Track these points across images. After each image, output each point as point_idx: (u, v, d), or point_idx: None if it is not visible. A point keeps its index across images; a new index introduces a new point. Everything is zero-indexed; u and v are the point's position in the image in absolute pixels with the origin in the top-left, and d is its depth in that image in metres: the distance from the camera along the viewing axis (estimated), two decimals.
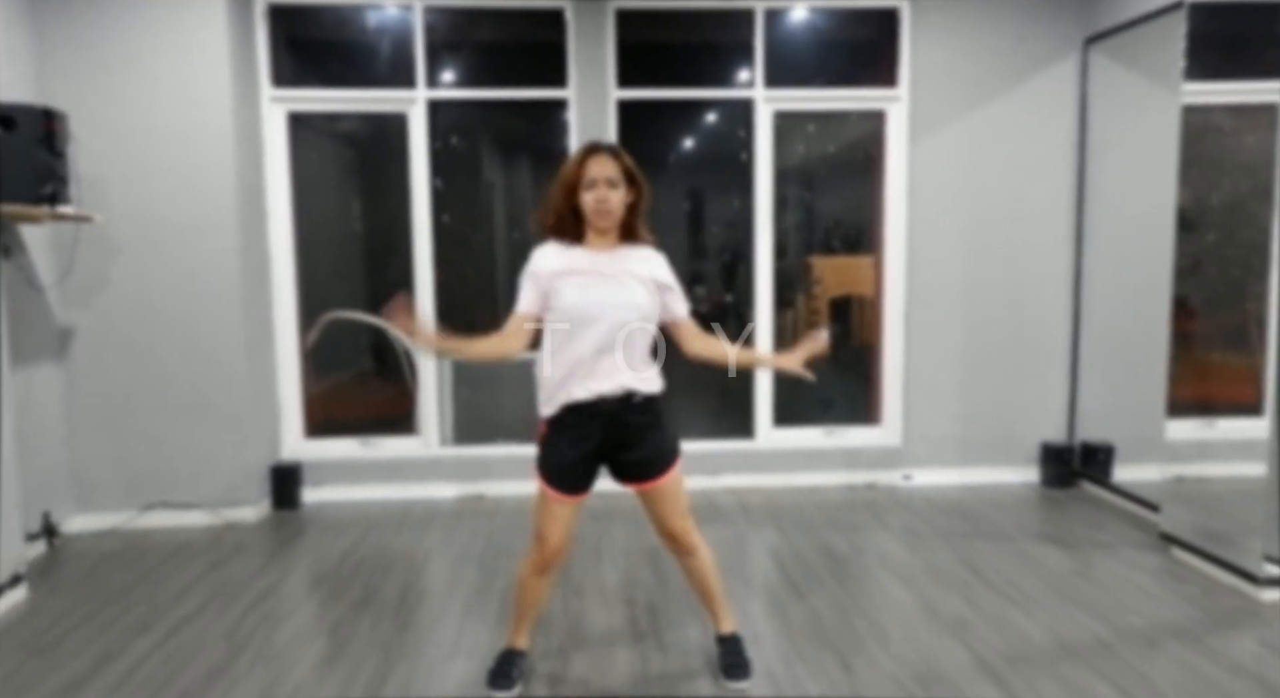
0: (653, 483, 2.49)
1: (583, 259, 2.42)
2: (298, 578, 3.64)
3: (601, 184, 2.35)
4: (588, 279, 2.38)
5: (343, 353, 5.07)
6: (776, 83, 4.72)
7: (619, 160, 2.39)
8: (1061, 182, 4.73)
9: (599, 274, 2.39)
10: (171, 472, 4.25)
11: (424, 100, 4.62)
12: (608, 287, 2.38)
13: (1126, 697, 2.57)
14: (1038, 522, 4.24)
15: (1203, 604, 3.23)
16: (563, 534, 2.48)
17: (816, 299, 5.22)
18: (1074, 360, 4.82)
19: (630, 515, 4.03)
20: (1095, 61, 4.61)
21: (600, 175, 2.35)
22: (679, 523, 2.54)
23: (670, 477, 2.50)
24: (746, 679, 2.63)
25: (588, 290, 2.36)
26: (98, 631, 3.11)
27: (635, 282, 2.41)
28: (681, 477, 2.54)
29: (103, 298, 4.14)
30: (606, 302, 2.36)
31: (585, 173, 2.36)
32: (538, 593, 2.62)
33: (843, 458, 4.87)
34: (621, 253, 2.45)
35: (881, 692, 2.61)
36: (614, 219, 2.40)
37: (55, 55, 4.01)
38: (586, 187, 2.36)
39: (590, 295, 2.36)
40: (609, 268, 2.41)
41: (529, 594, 2.62)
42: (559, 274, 2.39)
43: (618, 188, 2.37)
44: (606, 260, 2.42)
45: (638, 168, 2.44)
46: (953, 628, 3.05)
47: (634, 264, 2.44)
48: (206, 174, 4.16)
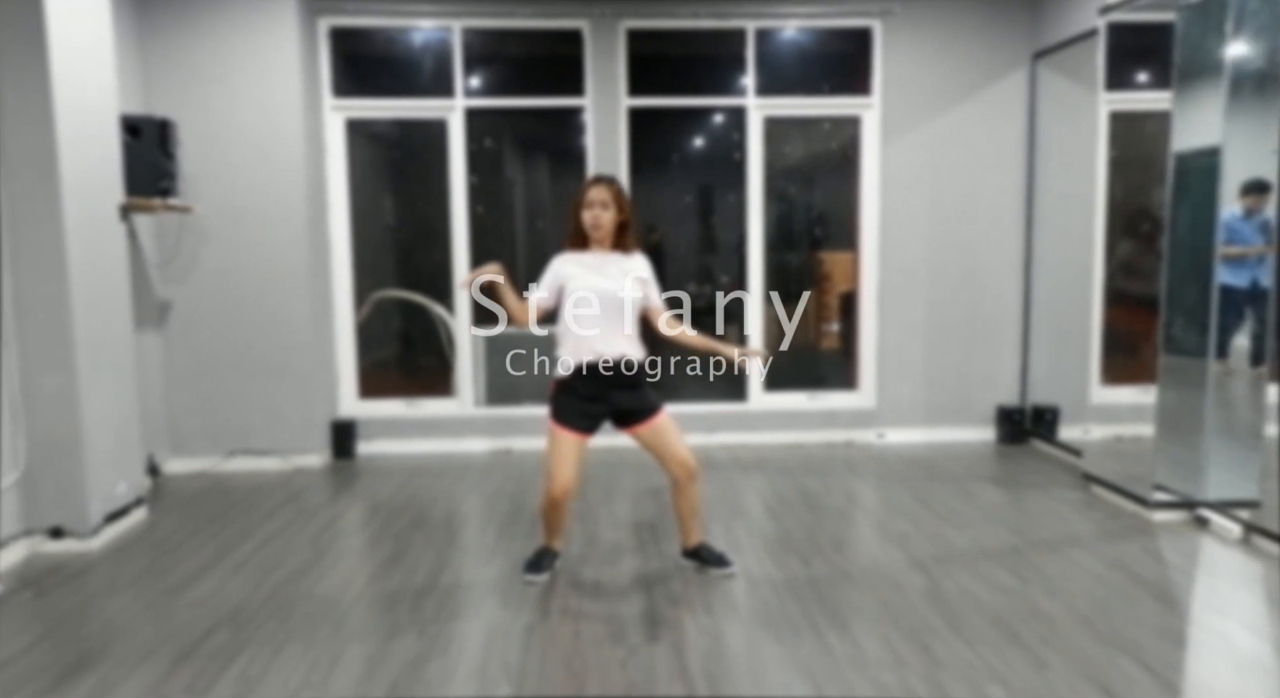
0: (648, 423, 3.21)
1: (587, 259, 3.20)
2: (360, 507, 4.41)
3: (596, 205, 3.14)
4: (590, 274, 3.16)
5: (392, 328, 5.83)
6: (766, 92, 5.44)
7: (611, 189, 3.16)
8: (1013, 178, 5.43)
9: (598, 271, 3.16)
10: (249, 424, 5.03)
11: (461, 108, 5.37)
12: (605, 280, 3.15)
13: (1022, 581, 3.28)
14: (986, 470, 4.95)
15: (1103, 524, 3.94)
16: (570, 471, 3.16)
17: (826, 294, 5.91)
18: (1025, 334, 5.53)
19: (636, 465, 4.76)
20: (1042, 74, 5.31)
21: (595, 199, 3.14)
22: (682, 451, 3.24)
23: (661, 417, 3.22)
24: (733, 565, 3.39)
25: (590, 282, 3.15)
26: (209, 538, 3.88)
27: (624, 276, 3.18)
28: (670, 420, 3.25)
29: (194, 276, 4.92)
30: (604, 290, 3.14)
31: (586, 197, 3.16)
32: (558, 518, 3.33)
33: (824, 419, 5.59)
34: (615, 257, 3.21)
35: (829, 579, 3.33)
36: (605, 232, 3.16)
37: (158, 71, 4.79)
38: (586, 207, 3.15)
39: (591, 285, 3.14)
40: (605, 267, 3.18)
41: (550, 518, 3.34)
42: (568, 270, 3.18)
43: (609, 209, 3.14)
44: (603, 261, 3.19)
45: (624, 196, 3.21)
46: (896, 540, 3.77)
47: (623, 264, 3.20)
48: (279, 172, 4.92)
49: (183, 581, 3.38)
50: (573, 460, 3.17)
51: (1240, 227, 4.04)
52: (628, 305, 3.16)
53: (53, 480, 3.66)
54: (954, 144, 5.42)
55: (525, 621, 2.99)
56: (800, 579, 3.33)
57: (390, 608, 3.10)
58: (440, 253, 5.53)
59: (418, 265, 5.77)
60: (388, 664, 2.67)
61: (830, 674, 2.57)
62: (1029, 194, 5.44)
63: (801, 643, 2.79)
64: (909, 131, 5.41)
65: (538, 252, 5.94)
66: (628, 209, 3.22)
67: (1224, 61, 3.81)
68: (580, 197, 3.19)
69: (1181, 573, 3.39)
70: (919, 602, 3.10)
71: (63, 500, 3.68)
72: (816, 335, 6.01)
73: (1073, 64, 5.02)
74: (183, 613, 3.07)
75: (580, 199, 3.18)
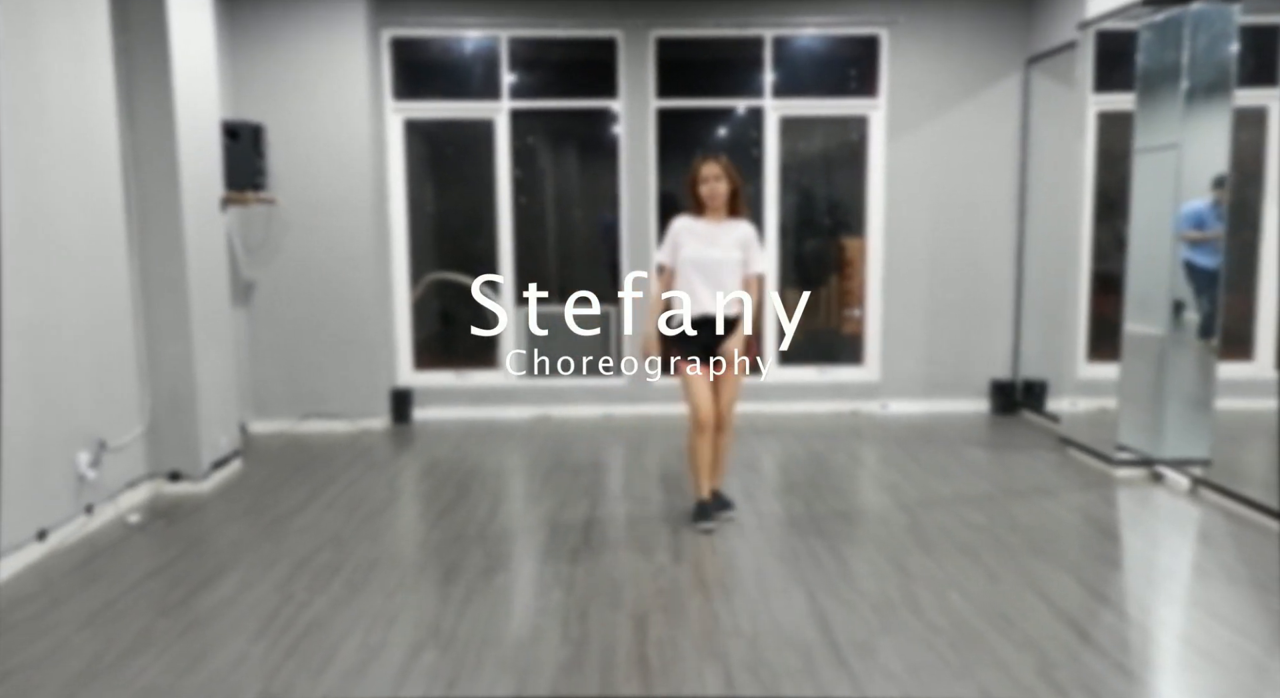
0: (727, 372, 3.77)
1: (699, 228, 3.74)
2: (422, 461, 5.08)
3: (711, 179, 3.68)
4: (698, 242, 3.72)
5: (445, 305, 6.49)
6: (782, 93, 6.00)
7: (721, 163, 3.70)
8: (1008, 173, 5.97)
9: (709, 240, 3.71)
10: (322, 391, 5.71)
11: (507, 109, 5.98)
12: (712, 249, 3.71)
13: (990, 520, 3.87)
14: (977, 436, 5.52)
15: (1071, 478, 4.51)
16: (707, 399, 3.73)
17: (849, 279, 6.48)
18: (1017, 314, 6.07)
19: (663, 430, 5.37)
20: (1035, 78, 5.83)
21: (710, 174, 3.68)
22: (723, 404, 3.78)
23: (731, 372, 3.77)
24: (734, 508, 3.97)
25: (698, 250, 3.70)
26: (299, 483, 4.56)
27: (731, 243, 3.73)
28: (738, 379, 3.80)
29: (276, 260, 5.59)
30: (710, 258, 3.70)
31: (700, 173, 3.70)
32: (702, 454, 3.77)
33: (832, 391, 6.18)
34: (726, 225, 3.74)
35: (826, 516, 3.94)
36: (721, 201, 3.69)
37: (245, 79, 5.45)
38: (702, 182, 3.70)
39: (699, 253, 3.70)
40: (716, 236, 3.72)
41: (697, 455, 3.78)
42: (683, 237, 3.74)
43: (722, 180, 3.68)
44: (714, 230, 3.72)
45: (735, 169, 3.72)
46: (886, 488, 4.37)
47: (733, 232, 3.73)
48: (349, 169, 5.57)
49: (286, 513, 4.05)
50: (705, 391, 3.73)
51: (1208, 215, 4.57)
52: (727, 269, 3.70)
53: (173, 432, 4.35)
54: (954, 142, 5.95)
55: (571, 543, 3.63)
56: (802, 517, 3.94)
57: (458, 538, 3.75)
58: (486, 239, 6.16)
59: (468, 250, 6.41)
60: (462, 575, 3.32)
61: (822, 584, 3.18)
62: (1022, 187, 5.97)
63: (800, 562, 3.40)
64: (913, 130, 5.96)
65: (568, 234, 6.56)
66: (737, 179, 3.73)
67: (1182, 69, 4.32)
68: (695, 173, 3.71)
69: (1130, 516, 3.97)
70: (900, 534, 3.70)
71: (181, 449, 4.37)
72: (839, 321, 6.54)
73: (1062, 68, 5.53)
74: (292, 537, 3.74)
75: (695, 175, 3.70)
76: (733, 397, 3.81)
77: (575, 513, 4.02)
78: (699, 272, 3.70)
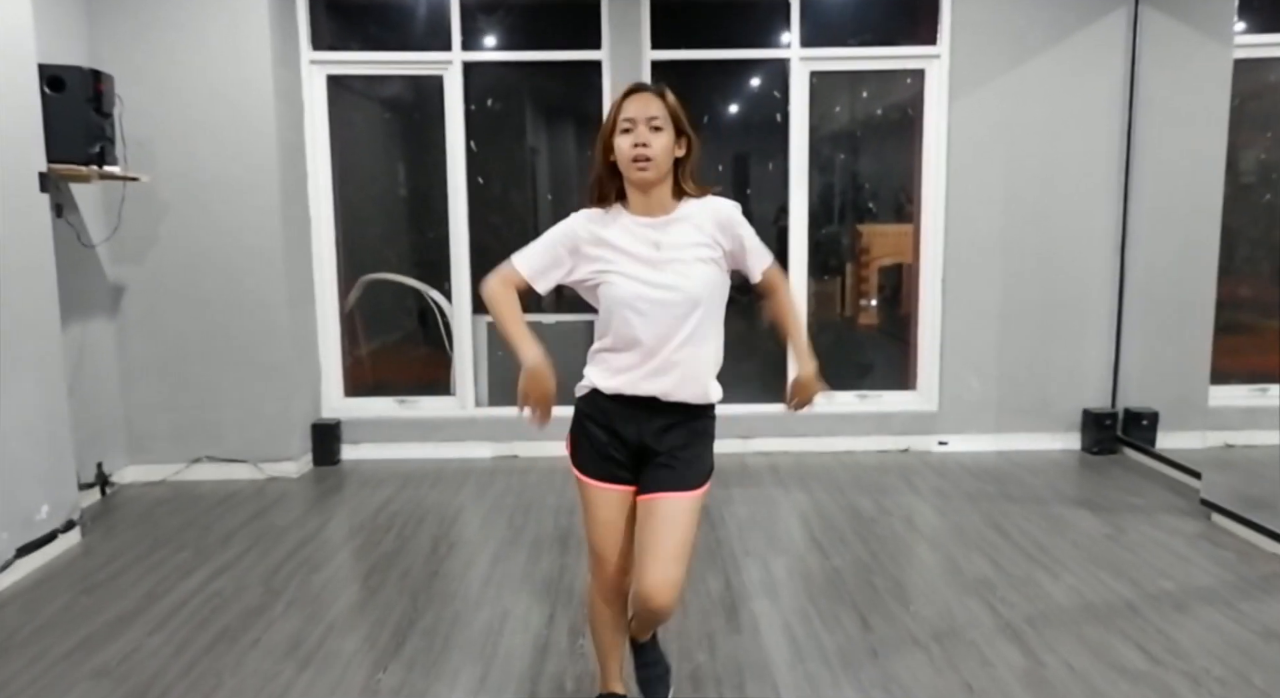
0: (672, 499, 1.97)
1: (627, 224, 1.98)
2: (348, 520, 3.80)
3: (641, 124, 1.90)
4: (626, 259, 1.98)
5: (387, 317, 5.18)
6: (813, 42, 4.65)
7: (662, 99, 1.94)
8: (1106, 138, 4.60)
9: (650, 247, 1.97)
10: (218, 424, 4.41)
11: (459, 63, 4.65)
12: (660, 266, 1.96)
13: (1150, 658, 2.54)
14: (1073, 487, 4.18)
15: (1238, 569, 3.17)
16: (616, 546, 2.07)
17: (865, 267, 5.18)
18: (1118, 323, 4.71)
19: None
20: (1146, 14, 4.45)
21: (639, 115, 1.91)
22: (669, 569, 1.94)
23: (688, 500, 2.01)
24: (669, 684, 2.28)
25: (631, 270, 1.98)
26: (145, 572, 3.26)
27: (691, 249, 1.97)
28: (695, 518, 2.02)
29: (152, 254, 4.28)
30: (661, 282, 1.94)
31: (620, 114, 1.93)
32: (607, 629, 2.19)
33: (876, 423, 4.84)
34: (679, 214, 2.00)
35: (895, 646, 2.62)
36: (657, 168, 1.91)
37: (104, 17, 4.13)
38: (622, 130, 1.92)
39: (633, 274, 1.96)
40: (660, 237, 1.97)
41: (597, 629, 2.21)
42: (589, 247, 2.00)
43: (661, 132, 1.91)
44: (655, 230, 1.98)
45: (683, 114, 1.96)
46: (974, 588, 3.04)
47: (689, 227, 1.99)
48: (248, 134, 4.25)
49: (92, 640, 2.75)
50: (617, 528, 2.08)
51: None
52: (689, 307, 1.94)
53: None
54: (1035, 99, 4.58)
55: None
56: (858, 647, 2.62)
57: (390, 662, 2.45)
58: (436, 230, 4.84)
59: (419, 244, 5.10)
60: None
61: None
62: (1126, 157, 4.59)
63: None
64: (982, 85, 4.59)
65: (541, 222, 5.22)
66: (690, 133, 1.98)
67: None
68: (612, 117, 1.95)
69: None
70: (1018, 693, 2.37)
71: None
72: (855, 314, 5.27)
73: (1186, 2, 4.17)
74: (83, 686, 2.44)
75: (613, 120, 1.94)
76: (677, 552, 1.94)
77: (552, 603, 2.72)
78: (641, 316, 1.93)
